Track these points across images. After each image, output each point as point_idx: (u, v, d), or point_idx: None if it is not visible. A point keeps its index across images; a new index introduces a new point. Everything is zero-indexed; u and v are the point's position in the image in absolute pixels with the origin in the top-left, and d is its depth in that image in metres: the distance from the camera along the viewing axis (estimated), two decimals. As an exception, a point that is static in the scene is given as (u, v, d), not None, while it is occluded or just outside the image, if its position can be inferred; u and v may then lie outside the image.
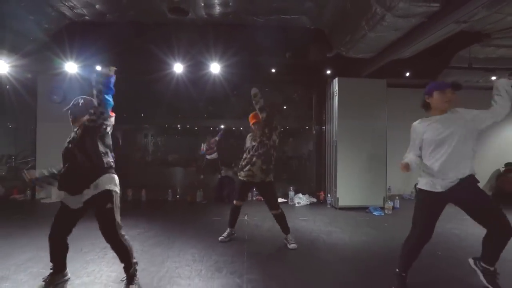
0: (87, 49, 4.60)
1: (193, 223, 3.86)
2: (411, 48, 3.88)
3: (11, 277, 2.26)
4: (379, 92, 4.89)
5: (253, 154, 2.97)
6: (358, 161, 4.79)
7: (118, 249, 2.09)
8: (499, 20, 4.13)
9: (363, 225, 3.88)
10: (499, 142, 6.43)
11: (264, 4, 3.70)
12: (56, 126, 5.33)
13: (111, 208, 2.02)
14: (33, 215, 4.28)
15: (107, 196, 2.00)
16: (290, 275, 2.38)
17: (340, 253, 2.91)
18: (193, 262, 2.56)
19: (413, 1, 2.73)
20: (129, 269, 2.11)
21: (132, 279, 2.10)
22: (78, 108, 2.10)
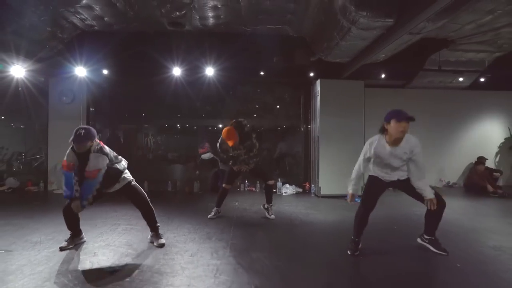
0: (95, 55, 5.17)
1: (190, 207, 4.41)
2: (379, 54, 4.43)
3: (43, 242, 2.81)
4: (357, 92, 5.44)
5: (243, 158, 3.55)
6: (338, 154, 5.33)
7: (148, 212, 2.77)
8: (458, 29, 4.70)
9: (339, 209, 4.43)
10: (474, 137, 6.98)
11: (251, 16, 4.25)
12: (66, 125, 5.91)
13: (135, 184, 2.77)
14: (49, 203, 4.83)
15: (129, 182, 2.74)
16: (266, 240, 2.94)
17: (313, 227, 3.47)
18: (188, 233, 3.11)
19: (371, 17, 3.28)
20: (156, 225, 2.79)
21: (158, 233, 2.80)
22: (81, 138, 2.45)
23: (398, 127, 2.42)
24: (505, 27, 4.59)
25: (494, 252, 2.72)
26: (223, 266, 2.31)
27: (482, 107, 7.01)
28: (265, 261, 2.42)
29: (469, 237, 3.16)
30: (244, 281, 2.07)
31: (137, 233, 3.13)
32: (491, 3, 3.86)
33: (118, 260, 2.44)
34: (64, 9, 4.06)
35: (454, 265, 2.41)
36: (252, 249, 2.70)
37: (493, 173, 6.36)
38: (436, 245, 2.64)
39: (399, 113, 2.45)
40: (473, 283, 2.13)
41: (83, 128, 2.52)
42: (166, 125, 8.18)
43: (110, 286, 1.99)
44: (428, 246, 2.68)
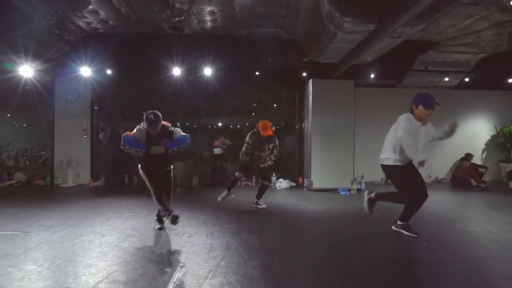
0: (99, 56, 5.46)
1: (189, 199, 4.72)
2: (366, 55, 4.73)
3: (56, 226, 3.13)
4: (347, 91, 5.74)
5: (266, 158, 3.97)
6: (329, 150, 5.64)
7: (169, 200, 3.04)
8: (440, 32, 4.99)
9: (328, 200, 4.74)
10: (462, 135, 7.21)
11: (245, 20, 4.54)
12: (71, 122, 6.24)
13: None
14: (56, 195, 5.14)
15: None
16: (257, 225, 3.24)
17: (301, 215, 3.78)
18: (187, 219, 3.41)
19: (354, 23, 3.58)
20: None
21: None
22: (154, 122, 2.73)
23: (426, 112, 2.80)
24: (485, 30, 4.89)
25: (461, 234, 3.03)
26: (216, 245, 2.62)
27: (470, 106, 7.30)
28: (254, 241, 2.73)
29: (443, 223, 3.47)
30: (234, 255, 2.38)
31: (140, 219, 3.44)
32: (469, 9, 4.15)
33: (123, 240, 2.74)
34: (71, 13, 4.36)
35: (429, 247, 2.71)
36: (243, 231, 3.01)
37: (479, 168, 6.66)
38: (408, 229, 2.95)
39: (429, 100, 2.82)
40: (437, 257, 2.42)
41: (152, 113, 2.74)
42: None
43: (117, 261, 2.29)
44: (401, 231, 2.98)
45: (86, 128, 6.31)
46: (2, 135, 6.76)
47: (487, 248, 2.63)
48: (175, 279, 1.98)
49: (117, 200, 4.54)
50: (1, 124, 6.91)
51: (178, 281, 1.96)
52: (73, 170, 6.15)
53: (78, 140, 6.27)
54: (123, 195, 4.93)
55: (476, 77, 6.72)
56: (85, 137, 6.30)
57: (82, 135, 6.30)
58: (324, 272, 2.18)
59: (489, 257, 2.43)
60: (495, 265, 2.30)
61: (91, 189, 5.79)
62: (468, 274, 2.14)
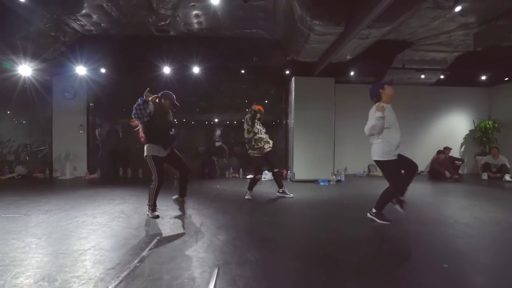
0: (94, 55, 5.81)
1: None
2: (344, 54, 5.07)
3: (53, 210, 3.50)
4: (328, 88, 6.09)
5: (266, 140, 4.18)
6: (311, 144, 6.00)
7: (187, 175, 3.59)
8: (412, 32, 5.33)
9: (306, 190, 5.11)
10: (441, 129, 7.64)
11: (227, 23, 4.88)
12: (68, 118, 6.60)
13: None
14: (54, 186, 5.51)
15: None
16: (236, 211, 3.61)
17: (278, 202, 4.14)
18: (171, 204, 3.79)
19: (324, 26, 3.92)
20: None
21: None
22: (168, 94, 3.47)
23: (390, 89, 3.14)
24: (455, 30, 5.23)
25: (414, 216, 3.40)
26: (192, 224, 3.00)
27: (449, 101, 7.65)
28: (226, 221, 3.11)
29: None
30: (205, 231, 2.75)
31: (129, 205, 3.82)
32: (433, 12, 4.49)
33: (111, 220, 3.11)
34: (66, 17, 4.70)
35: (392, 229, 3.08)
36: (219, 213, 3.39)
37: (455, 161, 7.02)
38: (381, 217, 3.12)
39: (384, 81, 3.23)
40: (393, 235, 2.80)
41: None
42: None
43: (104, 235, 2.66)
44: (374, 218, 3.15)
45: (83, 124, 6.68)
46: (3, 131, 7.12)
47: (434, 226, 3.00)
48: (151, 246, 2.36)
49: (111, 189, 4.92)
50: (2, 120, 7.27)
51: (154, 246, 2.34)
52: (70, 164, 6.53)
53: (75, 135, 6.65)
54: (117, 185, 5.31)
55: (454, 74, 7.06)
56: (81, 132, 6.67)
57: (78, 130, 6.67)
58: (279, 247, 2.55)
59: (430, 232, 2.81)
60: (430, 239, 2.68)
61: (87, 181, 6.17)
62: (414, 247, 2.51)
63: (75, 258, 2.17)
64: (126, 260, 2.12)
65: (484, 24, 4.78)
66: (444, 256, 2.25)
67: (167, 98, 3.41)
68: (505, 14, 4.34)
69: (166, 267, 2.01)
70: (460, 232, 2.81)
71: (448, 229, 2.92)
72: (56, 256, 2.19)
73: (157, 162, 3.24)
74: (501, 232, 2.85)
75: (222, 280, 1.84)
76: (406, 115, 7.46)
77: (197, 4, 4.20)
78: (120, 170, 6.68)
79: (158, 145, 3.27)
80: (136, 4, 4.11)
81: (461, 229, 2.89)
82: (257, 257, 2.19)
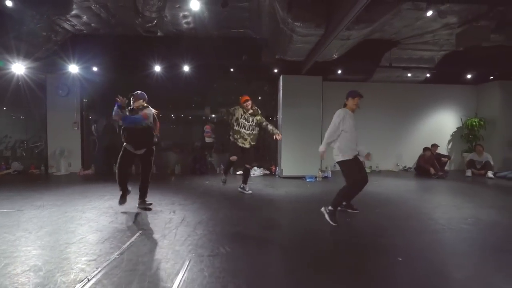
0: (87, 54, 5.93)
1: (167, 184, 5.27)
2: (330, 53, 5.18)
3: (45, 206, 3.69)
4: (316, 86, 6.22)
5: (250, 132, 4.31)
6: (298, 141, 6.16)
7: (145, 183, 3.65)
8: (397, 32, 5.44)
9: (291, 186, 5.29)
10: (429, 126, 7.78)
11: (214, 23, 4.99)
12: (62, 115, 6.75)
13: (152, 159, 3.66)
14: (49, 182, 5.69)
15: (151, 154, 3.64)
16: (219, 206, 3.79)
17: (262, 197, 4.33)
18: (158, 200, 3.97)
19: (305, 27, 4.03)
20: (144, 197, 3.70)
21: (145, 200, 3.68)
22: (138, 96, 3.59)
23: (354, 101, 3.36)
24: (438, 30, 5.34)
25: (389, 211, 3.58)
26: (175, 219, 3.18)
27: (438, 99, 7.78)
28: (208, 216, 3.29)
29: (381, 202, 4.02)
30: (185, 225, 2.94)
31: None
32: (414, 12, 4.59)
33: (99, 216, 3.30)
34: (56, 17, 4.80)
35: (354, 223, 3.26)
36: (202, 209, 3.57)
37: (441, 158, 7.19)
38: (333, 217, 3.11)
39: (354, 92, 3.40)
40: (360, 227, 2.98)
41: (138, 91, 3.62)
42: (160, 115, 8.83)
43: (90, 230, 2.85)
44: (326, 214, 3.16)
45: (76, 121, 6.83)
46: (0, 128, 7.27)
47: (404, 220, 3.19)
48: (132, 239, 2.54)
49: (103, 185, 5.11)
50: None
51: (136, 239, 2.53)
52: (65, 160, 6.70)
53: (69, 132, 6.80)
54: (109, 181, 5.46)
55: (441, 72, 7.17)
56: (76, 129, 6.82)
57: (73, 127, 6.82)
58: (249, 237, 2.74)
59: (398, 226, 2.99)
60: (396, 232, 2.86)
61: (82, 176, 6.35)
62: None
63: (61, 250, 2.35)
64: (107, 252, 2.31)
65: (466, 24, 4.89)
66: (403, 250, 2.44)
67: (137, 98, 3.55)
68: (483, 15, 4.45)
69: (142, 259, 2.19)
70: (426, 227, 2.99)
71: (417, 224, 3.10)
72: (43, 249, 2.37)
73: (123, 154, 3.52)
74: (466, 228, 3.03)
75: (192, 271, 2.02)
76: (394, 112, 7.63)
77: (182, 6, 4.31)
78: (114, 166, 6.84)
79: (129, 144, 3.51)
80: (123, 5, 4.21)
81: (429, 225, 3.07)
82: (228, 250, 2.38)
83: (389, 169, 7.58)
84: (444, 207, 3.85)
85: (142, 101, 3.55)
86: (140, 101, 3.53)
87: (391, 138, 7.67)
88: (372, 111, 7.45)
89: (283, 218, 3.43)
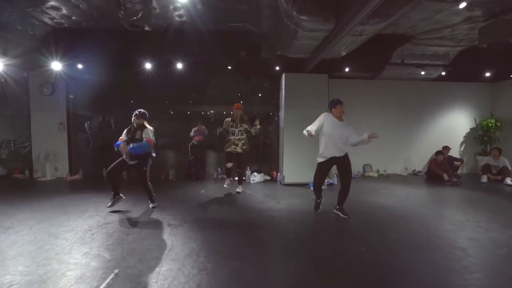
0: (71, 50, 5.39)
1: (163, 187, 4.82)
2: (335, 51, 4.66)
3: (15, 227, 3.24)
4: (321, 85, 5.69)
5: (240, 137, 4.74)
6: (301, 144, 5.66)
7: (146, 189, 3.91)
8: (413, 26, 4.89)
9: (294, 197, 4.83)
10: (441, 127, 7.28)
11: (210, 16, 4.45)
12: (47, 115, 6.25)
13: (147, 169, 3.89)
14: (31, 190, 5.23)
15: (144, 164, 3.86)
16: (214, 231, 3.35)
17: (262, 213, 3.87)
18: (150, 211, 3.53)
19: (311, 22, 3.51)
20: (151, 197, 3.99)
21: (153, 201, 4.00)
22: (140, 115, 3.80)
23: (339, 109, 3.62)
24: (459, 24, 4.79)
25: (404, 237, 3.13)
26: (160, 244, 2.73)
27: (450, 97, 7.25)
28: (199, 241, 2.85)
29: (395, 221, 3.57)
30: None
31: (100, 219, 3.55)
32: (436, 4, 4.05)
33: (73, 244, 2.84)
34: (31, 9, 4.26)
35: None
36: (194, 230, 3.12)
37: (454, 162, 6.73)
38: (343, 212, 3.70)
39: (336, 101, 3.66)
40: (373, 258, 2.54)
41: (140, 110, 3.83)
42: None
43: (59, 267, 2.40)
44: (338, 213, 3.74)
45: (63, 122, 6.34)
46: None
47: (426, 251, 2.73)
48: (105, 284, 2.09)
49: (88, 196, 4.65)
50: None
51: (110, 284, 2.09)
52: (51, 164, 6.24)
53: (55, 134, 6.32)
54: (96, 190, 5.02)
55: (456, 69, 6.63)
56: (62, 131, 6.34)
57: (59, 129, 6.33)
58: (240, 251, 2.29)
59: (421, 260, 2.54)
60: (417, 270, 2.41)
61: (68, 182, 5.91)
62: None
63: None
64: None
65: (491, 18, 4.35)
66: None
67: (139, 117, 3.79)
68: (514, 8, 3.91)
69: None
70: (455, 263, 2.53)
71: (442, 257, 2.64)
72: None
73: (118, 161, 3.81)
74: (503, 262, 2.57)
75: None
76: (403, 112, 7.10)
77: (172, -4, 3.77)
78: (103, 170, 6.38)
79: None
80: (104, -4, 3.68)
81: (458, 258, 2.61)
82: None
83: (397, 173, 7.11)
84: (468, 227, 3.40)
85: (143, 120, 3.78)
86: (141, 120, 3.76)
87: (399, 139, 7.18)
88: (380, 110, 6.95)
89: (285, 250, 2.98)
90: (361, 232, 3.25)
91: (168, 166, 6.51)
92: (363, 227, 3.41)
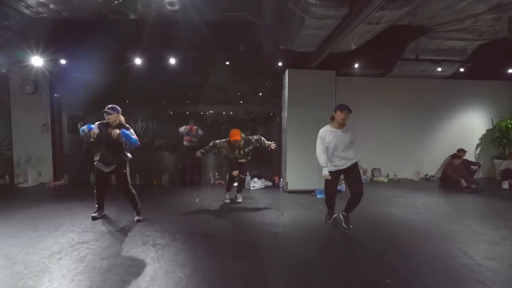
0: (52, 44, 4.89)
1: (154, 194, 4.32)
2: (348, 43, 4.16)
3: (0, 231, 2.73)
4: (328, 83, 5.18)
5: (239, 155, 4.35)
6: (306, 148, 5.12)
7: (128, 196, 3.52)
8: (432, 16, 4.38)
9: (299, 207, 4.32)
10: (455, 128, 6.76)
11: (205, 3, 3.94)
12: (30, 115, 5.73)
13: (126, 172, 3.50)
14: (7, 199, 4.72)
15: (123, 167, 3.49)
16: (206, 247, 2.84)
17: (263, 229, 3.36)
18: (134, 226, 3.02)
19: (321, 6, 3.00)
20: (137, 207, 3.55)
21: (138, 212, 3.55)
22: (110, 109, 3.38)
23: (341, 115, 3.29)
24: (484, 13, 4.27)
25: (434, 261, 2.62)
26: (142, 272, 2.23)
27: (465, 97, 6.74)
28: (191, 266, 2.33)
29: (421, 241, 3.06)
30: None
31: (75, 236, 3.05)
32: (462, -11, 3.54)
33: (35, 270, 2.34)
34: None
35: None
36: (183, 252, 2.61)
37: (471, 166, 6.21)
38: (347, 221, 3.48)
39: (343, 105, 3.32)
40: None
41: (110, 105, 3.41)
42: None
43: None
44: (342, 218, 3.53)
45: (46, 123, 5.83)
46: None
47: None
48: None
49: (69, 205, 4.15)
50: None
51: None
52: (33, 169, 5.73)
53: (38, 136, 5.80)
54: (79, 198, 4.51)
55: (473, 66, 6.13)
56: (46, 132, 5.83)
57: (42, 130, 5.82)
58: None
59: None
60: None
61: (51, 189, 5.40)
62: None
63: None
64: None
65: (524, 6, 3.84)
66: None
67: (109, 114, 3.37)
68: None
69: None
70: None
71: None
72: None
73: (97, 173, 3.48)
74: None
75: None
76: (414, 112, 6.57)
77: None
78: (91, 176, 5.88)
79: (99, 162, 3.40)
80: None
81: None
82: None
83: (409, 177, 6.59)
84: (508, 248, 2.89)
85: (117, 114, 3.41)
86: (114, 115, 3.38)
87: (410, 141, 6.66)
88: (389, 110, 6.45)
89: (291, 282, 2.47)
90: (381, 255, 2.73)
91: (161, 170, 5.99)
92: (382, 248, 2.90)
